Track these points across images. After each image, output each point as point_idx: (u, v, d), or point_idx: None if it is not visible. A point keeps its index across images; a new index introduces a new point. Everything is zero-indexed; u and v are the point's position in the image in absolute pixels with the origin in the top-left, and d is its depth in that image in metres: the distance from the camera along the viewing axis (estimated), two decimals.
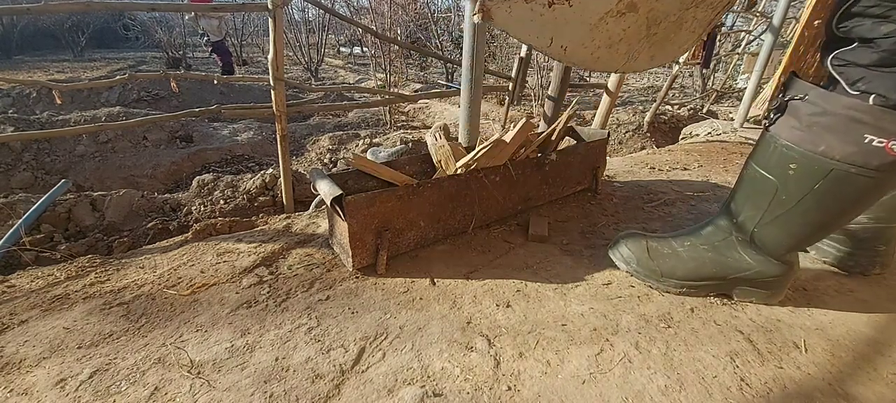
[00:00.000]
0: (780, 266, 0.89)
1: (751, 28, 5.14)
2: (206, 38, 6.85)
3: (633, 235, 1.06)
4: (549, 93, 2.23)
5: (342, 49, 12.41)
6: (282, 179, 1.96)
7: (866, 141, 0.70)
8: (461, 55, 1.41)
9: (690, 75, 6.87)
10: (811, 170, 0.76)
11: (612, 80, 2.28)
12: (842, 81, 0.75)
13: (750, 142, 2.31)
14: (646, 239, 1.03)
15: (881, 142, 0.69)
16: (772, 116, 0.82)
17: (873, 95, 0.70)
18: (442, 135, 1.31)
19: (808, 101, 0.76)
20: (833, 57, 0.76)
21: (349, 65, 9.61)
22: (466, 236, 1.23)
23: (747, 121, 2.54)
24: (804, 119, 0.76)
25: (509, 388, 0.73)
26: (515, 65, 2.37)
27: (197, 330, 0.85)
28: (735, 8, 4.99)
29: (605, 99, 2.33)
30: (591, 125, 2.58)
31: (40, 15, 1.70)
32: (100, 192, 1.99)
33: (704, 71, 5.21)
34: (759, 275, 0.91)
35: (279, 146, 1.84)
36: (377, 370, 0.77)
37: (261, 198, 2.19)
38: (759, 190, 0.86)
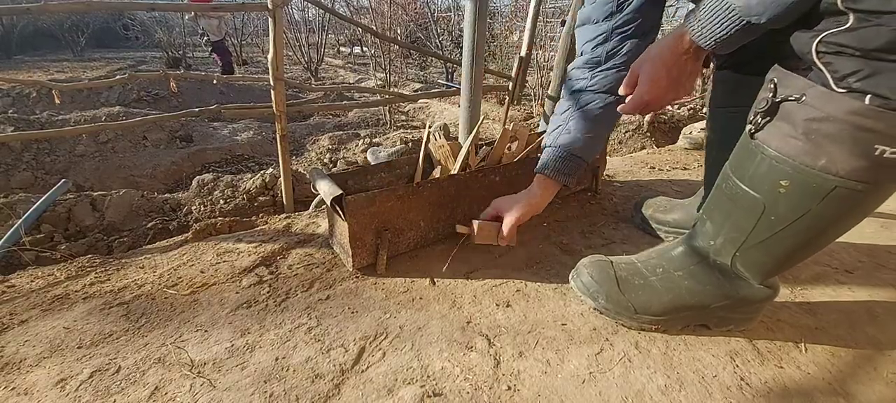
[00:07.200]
0: (764, 290, 0.79)
1: None
2: (206, 38, 6.86)
3: (596, 262, 0.92)
4: (549, 93, 2.23)
5: (342, 49, 12.39)
6: (282, 179, 1.96)
7: (877, 152, 0.55)
8: (461, 55, 1.41)
9: None
10: (808, 188, 0.62)
11: None
12: (828, 75, 0.57)
13: None
14: (612, 267, 0.89)
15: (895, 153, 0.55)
16: (759, 120, 0.66)
17: (869, 95, 0.53)
18: (441, 135, 1.31)
19: (806, 104, 0.59)
20: (820, 40, 0.56)
21: (349, 65, 9.60)
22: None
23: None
24: (801, 125, 0.60)
25: (509, 388, 0.73)
26: (515, 65, 2.37)
27: (197, 330, 0.85)
28: None
29: None
30: None
31: (40, 15, 1.70)
32: (100, 192, 1.99)
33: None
34: (743, 302, 0.81)
35: (279, 146, 1.84)
36: (377, 369, 0.77)
37: (261, 198, 2.18)
38: (742, 209, 0.72)
